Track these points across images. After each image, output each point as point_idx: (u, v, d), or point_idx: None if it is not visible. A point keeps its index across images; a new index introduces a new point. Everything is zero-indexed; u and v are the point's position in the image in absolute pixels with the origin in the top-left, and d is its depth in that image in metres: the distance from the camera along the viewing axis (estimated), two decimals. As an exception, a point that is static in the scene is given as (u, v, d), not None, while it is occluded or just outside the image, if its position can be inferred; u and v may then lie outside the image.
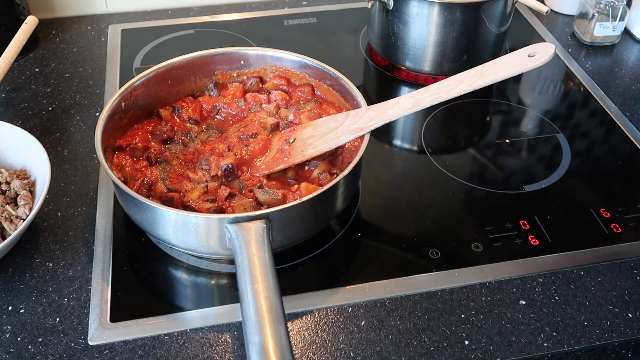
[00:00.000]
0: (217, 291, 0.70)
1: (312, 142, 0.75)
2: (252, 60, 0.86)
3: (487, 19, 0.95)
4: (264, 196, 0.70)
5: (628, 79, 1.03)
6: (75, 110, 0.95)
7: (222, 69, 0.86)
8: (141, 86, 0.79)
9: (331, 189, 0.66)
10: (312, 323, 0.66)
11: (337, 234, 0.76)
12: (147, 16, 1.18)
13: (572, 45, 1.11)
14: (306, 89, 0.85)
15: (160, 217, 0.65)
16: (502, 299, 0.69)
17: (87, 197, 0.80)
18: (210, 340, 0.64)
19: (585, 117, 0.96)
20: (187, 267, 0.72)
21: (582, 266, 0.72)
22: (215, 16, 1.18)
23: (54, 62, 1.05)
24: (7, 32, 0.98)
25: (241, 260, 0.58)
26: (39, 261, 0.72)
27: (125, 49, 1.08)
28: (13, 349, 0.63)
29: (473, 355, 0.63)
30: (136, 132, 0.79)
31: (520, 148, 0.90)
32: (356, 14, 1.19)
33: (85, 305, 0.67)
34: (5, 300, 0.68)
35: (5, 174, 0.74)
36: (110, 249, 0.73)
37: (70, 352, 0.63)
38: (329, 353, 0.64)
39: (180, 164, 0.77)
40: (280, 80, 0.86)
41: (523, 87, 1.02)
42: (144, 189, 0.71)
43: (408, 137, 0.94)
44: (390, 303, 0.68)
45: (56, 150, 0.87)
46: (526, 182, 0.83)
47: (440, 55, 0.97)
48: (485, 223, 0.77)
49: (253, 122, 0.81)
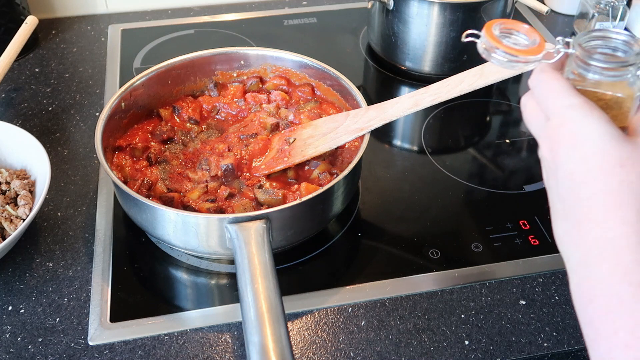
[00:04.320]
0: (217, 291, 0.70)
1: (312, 142, 0.75)
2: (252, 60, 0.86)
3: (487, 19, 0.95)
4: (264, 196, 0.70)
5: (628, 79, 1.03)
6: (75, 110, 0.95)
7: (222, 69, 0.86)
8: (141, 86, 0.79)
9: (331, 189, 0.66)
10: (312, 323, 0.66)
11: (337, 234, 0.76)
12: (147, 16, 1.18)
13: (572, 45, 1.11)
14: (306, 89, 0.85)
15: (160, 217, 0.65)
16: (502, 299, 0.69)
17: (87, 197, 0.80)
18: (210, 340, 0.64)
19: (585, 117, 0.96)
20: (187, 267, 0.72)
21: (582, 266, 0.72)
22: (215, 16, 1.18)
23: (54, 62, 1.05)
24: (7, 32, 0.98)
25: (241, 260, 0.58)
26: (39, 261, 0.72)
27: (125, 49, 1.08)
28: (13, 349, 0.63)
29: (473, 355, 0.63)
30: (136, 132, 0.79)
31: (520, 148, 0.90)
32: (356, 14, 1.19)
33: (85, 305, 0.67)
34: (5, 300, 0.68)
35: (5, 174, 0.74)
36: (110, 249, 0.73)
37: (70, 352, 0.63)
38: (329, 353, 0.64)
39: (180, 164, 0.77)
40: (280, 80, 0.86)
41: (523, 87, 1.02)
42: (144, 189, 0.71)
43: (408, 137, 0.94)
44: (390, 303, 0.68)
45: (56, 150, 0.87)
46: (526, 182, 0.83)
47: (440, 55, 0.97)
48: (485, 223, 0.77)
49: (253, 122, 0.81)
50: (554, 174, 0.43)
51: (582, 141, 0.41)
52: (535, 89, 0.46)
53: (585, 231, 0.41)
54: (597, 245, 0.40)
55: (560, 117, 0.43)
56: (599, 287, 0.39)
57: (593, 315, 0.40)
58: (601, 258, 0.40)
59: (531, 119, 0.46)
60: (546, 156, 0.44)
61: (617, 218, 0.39)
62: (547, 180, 0.45)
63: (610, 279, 0.39)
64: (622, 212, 0.39)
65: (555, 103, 0.43)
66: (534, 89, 0.46)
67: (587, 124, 0.41)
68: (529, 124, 0.47)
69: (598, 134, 0.41)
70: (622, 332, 0.37)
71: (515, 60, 0.46)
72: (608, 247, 0.40)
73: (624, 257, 0.39)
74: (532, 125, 0.47)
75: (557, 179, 0.43)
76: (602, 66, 0.43)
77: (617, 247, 0.39)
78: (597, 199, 0.40)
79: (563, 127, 0.42)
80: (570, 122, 0.42)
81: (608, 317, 0.38)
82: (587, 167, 0.41)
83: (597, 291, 0.39)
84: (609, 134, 0.41)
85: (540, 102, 0.45)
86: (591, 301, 0.40)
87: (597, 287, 0.39)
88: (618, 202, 0.40)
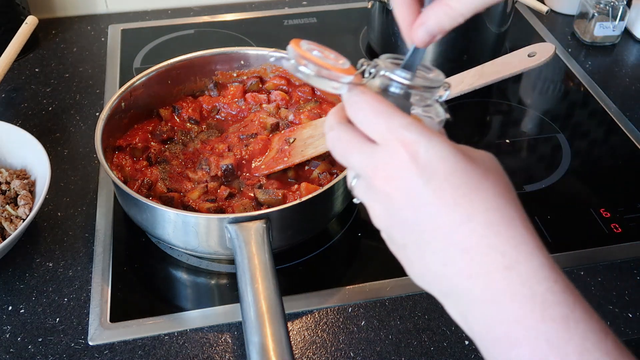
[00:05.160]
0: (217, 291, 0.70)
1: (312, 142, 0.75)
2: (252, 60, 0.86)
3: (487, 19, 0.95)
4: (264, 196, 0.70)
5: (628, 79, 1.03)
6: (75, 110, 0.95)
7: (222, 69, 0.86)
8: (141, 86, 0.79)
9: (331, 189, 0.66)
10: (312, 323, 0.66)
11: (337, 234, 0.76)
12: (147, 16, 1.18)
13: (572, 45, 1.11)
14: (306, 89, 0.85)
15: (160, 217, 0.65)
16: (502, 299, 0.68)
17: (87, 197, 0.80)
18: (210, 340, 0.64)
19: (585, 117, 0.96)
20: (187, 267, 0.72)
21: (582, 266, 0.72)
22: (215, 16, 1.18)
23: (54, 62, 1.05)
24: (7, 32, 0.98)
25: (241, 260, 0.58)
26: (39, 261, 0.72)
27: (125, 49, 1.08)
28: (13, 349, 0.63)
29: (473, 355, 0.63)
30: (136, 132, 0.79)
31: (520, 148, 0.90)
32: (356, 14, 1.19)
33: (85, 305, 0.67)
34: (5, 300, 0.68)
35: (5, 174, 0.74)
36: (110, 249, 0.73)
37: (70, 352, 0.63)
38: (329, 353, 0.64)
39: (180, 164, 0.77)
40: (280, 80, 0.86)
41: (523, 87, 1.02)
42: (144, 189, 0.71)
43: (408, 137, 0.94)
44: (390, 303, 0.68)
45: (56, 150, 0.87)
46: (526, 182, 0.83)
47: (440, 55, 0.97)
48: (485, 223, 0.77)
49: (253, 122, 0.81)
50: (402, 204, 0.38)
51: (435, 161, 0.37)
52: (357, 114, 0.40)
53: (477, 262, 0.36)
54: (500, 277, 0.36)
55: (399, 138, 0.38)
56: (519, 329, 0.35)
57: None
58: (510, 293, 0.35)
59: (351, 150, 0.40)
60: (382, 188, 0.39)
61: (512, 239, 0.36)
62: (389, 217, 0.40)
63: (530, 318, 0.35)
64: (513, 231, 0.37)
65: (390, 123, 0.38)
66: (356, 114, 0.40)
67: (432, 142, 0.37)
68: (348, 156, 0.41)
69: (449, 152, 0.37)
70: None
71: (326, 75, 0.41)
72: (514, 277, 0.35)
73: (536, 288, 0.35)
74: (353, 158, 0.40)
75: (410, 209, 0.38)
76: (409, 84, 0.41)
77: (524, 276, 0.35)
78: (481, 219, 0.36)
79: (405, 147, 0.37)
80: (414, 143, 0.37)
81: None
82: (453, 184, 0.37)
83: (518, 334, 0.35)
84: (454, 149, 0.38)
85: (367, 128, 0.39)
86: (514, 346, 0.35)
87: (517, 329, 0.35)
88: (507, 217, 0.37)
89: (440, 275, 0.38)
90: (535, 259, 0.36)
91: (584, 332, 0.35)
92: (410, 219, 0.38)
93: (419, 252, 0.39)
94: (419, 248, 0.39)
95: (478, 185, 0.37)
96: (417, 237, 0.38)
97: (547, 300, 0.35)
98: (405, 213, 0.38)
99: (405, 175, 0.37)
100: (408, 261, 0.40)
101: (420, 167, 0.37)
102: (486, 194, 0.37)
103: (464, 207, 0.37)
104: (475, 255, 0.36)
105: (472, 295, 0.37)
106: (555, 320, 0.35)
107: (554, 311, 0.35)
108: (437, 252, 0.38)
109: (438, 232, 0.37)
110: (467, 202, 0.37)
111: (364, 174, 0.40)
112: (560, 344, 0.34)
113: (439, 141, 0.38)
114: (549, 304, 0.35)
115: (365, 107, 0.40)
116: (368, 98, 0.40)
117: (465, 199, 0.37)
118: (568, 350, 0.34)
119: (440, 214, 0.37)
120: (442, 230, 0.37)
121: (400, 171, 0.38)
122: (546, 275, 0.36)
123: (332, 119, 0.42)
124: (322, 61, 0.41)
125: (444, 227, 0.37)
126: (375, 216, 0.41)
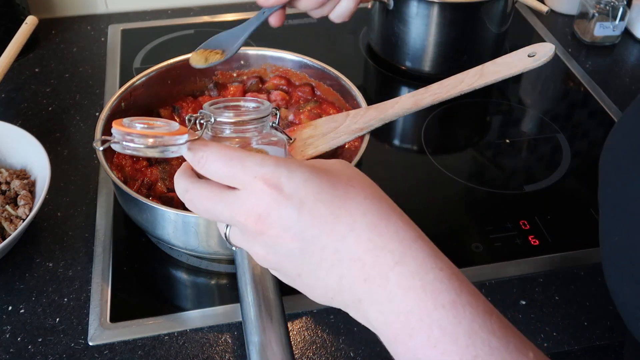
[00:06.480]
0: (217, 291, 0.70)
1: (312, 142, 0.75)
2: (252, 60, 0.86)
3: (487, 19, 0.95)
4: (264, 196, 0.70)
5: (628, 79, 1.03)
6: (75, 110, 0.95)
7: (222, 69, 0.86)
8: (141, 86, 0.79)
9: (331, 189, 0.66)
10: (312, 323, 0.66)
11: (337, 234, 0.76)
12: (147, 16, 1.18)
13: (572, 45, 1.11)
14: (306, 89, 0.85)
15: (160, 217, 0.65)
16: (502, 299, 0.69)
17: (87, 197, 0.80)
18: (210, 340, 0.64)
19: (585, 117, 0.96)
20: (187, 267, 0.72)
21: (582, 266, 0.72)
22: (215, 16, 1.18)
23: (54, 62, 1.05)
24: (7, 32, 0.98)
25: (241, 260, 0.58)
26: (39, 261, 0.72)
27: (125, 49, 1.08)
28: (13, 349, 0.63)
29: (473, 355, 0.63)
30: (136, 132, 0.79)
31: (520, 148, 0.90)
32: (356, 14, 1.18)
33: (85, 305, 0.67)
34: (5, 300, 0.68)
35: (5, 174, 0.74)
36: (110, 249, 0.73)
37: (70, 352, 0.63)
38: (329, 353, 0.64)
39: (180, 164, 0.77)
40: (280, 80, 0.86)
41: (523, 87, 1.02)
42: (144, 189, 0.71)
43: (408, 137, 0.94)
44: (390, 303, 0.68)
45: (56, 150, 0.87)
46: (526, 182, 0.83)
47: (440, 55, 0.97)
48: (485, 223, 0.77)
49: (253, 122, 0.81)
50: (282, 239, 0.38)
51: (301, 186, 0.38)
52: (208, 167, 0.40)
53: (370, 265, 0.37)
54: (392, 274, 0.37)
55: (258, 177, 0.38)
56: (413, 320, 0.37)
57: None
58: (403, 287, 0.37)
59: (215, 204, 0.40)
60: (257, 229, 0.38)
61: (395, 235, 0.38)
62: (274, 255, 0.40)
63: (423, 307, 0.36)
64: (394, 226, 0.38)
65: (244, 166, 0.38)
66: (207, 168, 0.40)
67: (291, 170, 0.38)
68: (214, 211, 0.40)
69: (309, 173, 0.38)
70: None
71: (159, 142, 0.39)
72: (404, 271, 0.37)
73: (425, 278, 0.37)
74: (219, 210, 0.40)
75: (292, 240, 0.38)
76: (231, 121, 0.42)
77: (414, 268, 0.37)
78: (362, 224, 0.38)
79: (267, 184, 0.38)
80: (273, 177, 0.38)
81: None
82: (325, 202, 0.38)
83: (414, 324, 0.36)
84: (313, 169, 0.39)
85: (224, 177, 0.39)
86: (411, 337, 0.37)
87: (412, 320, 0.37)
88: (384, 215, 0.38)
89: (339, 290, 0.39)
90: (420, 249, 0.38)
91: (471, 315, 0.36)
92: (295, 249, 0.39)
93: (314, 276, 0.39)
94: (313, 272, 0.39)
95: (346, 194, 0.39)
96: (308, 263, 0.39)
97: (436, 288, 0.37)
98: (289, 246, 0.39)
99: (276, 210, 0.38)
100: (307, 288, 0.41)
101: (288, 197, 0.38)
102: (358, 200, 0.39)
103: (344, 217, 0.38)
104: (366, 260, 0.38)
105: (370, 296, 0.38)
106: (445, 306, 0.36)
107: (444, 298, 0.36)
108: (331, 269, 0.38)
109: (326, 251, 0.38)
110: (345, 212, 0.38)
111: (235, 222, 0.40)
112: (451, 328, 0.36)
113: (297, 166, 0.39)
114: (438, 292, 0.36)
115: (215, 158, 0.39)
116: (213, 149, 0.40)
117: (342, 210, 0.38)
118: (458, 333, 0.36)
119: (323, 233, 0.38)
120: (329, 248, 0.38)
121: (269, 208, 0.38)
122: (433, 264, 0.37)
123: (182, 182, 0.42)
124: (150, 131, 0.40)
125: (330, 244, 0.38)
126: (260, 258, 0.41)
